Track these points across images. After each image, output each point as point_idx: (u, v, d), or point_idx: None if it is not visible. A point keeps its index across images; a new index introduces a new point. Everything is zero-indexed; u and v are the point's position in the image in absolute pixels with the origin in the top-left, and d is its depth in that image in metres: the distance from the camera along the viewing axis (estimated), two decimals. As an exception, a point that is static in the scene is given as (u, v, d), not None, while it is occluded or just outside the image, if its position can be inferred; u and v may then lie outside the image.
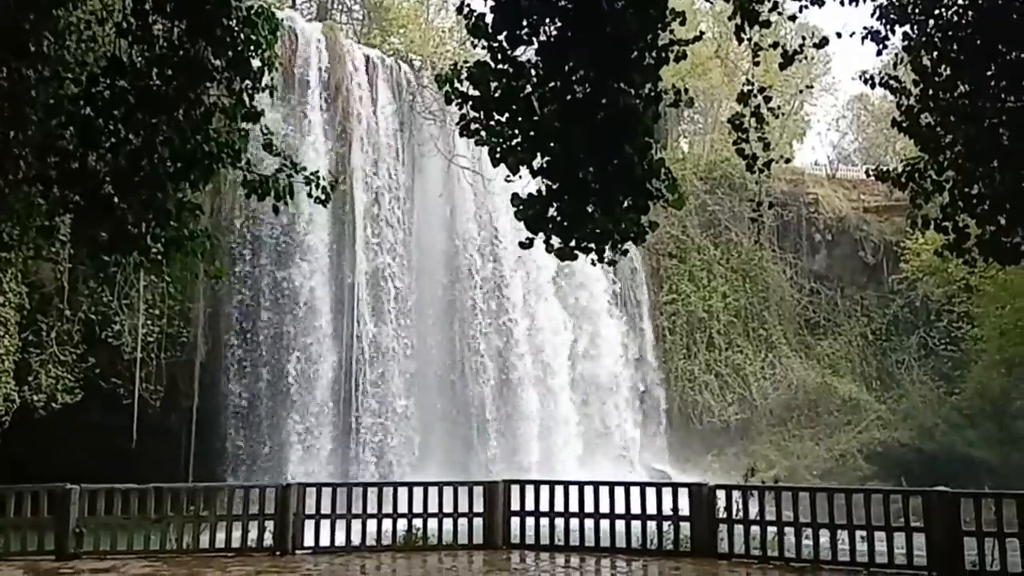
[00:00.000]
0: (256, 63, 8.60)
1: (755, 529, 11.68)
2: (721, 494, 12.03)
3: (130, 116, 7.95)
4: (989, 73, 8.19)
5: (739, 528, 11.79)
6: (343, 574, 11.08)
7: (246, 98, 8.63)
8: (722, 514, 11.89)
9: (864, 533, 11.10)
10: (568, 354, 29.90)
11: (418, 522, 12.87)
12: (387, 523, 12.75)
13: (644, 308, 33.87)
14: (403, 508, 12.83)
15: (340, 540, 12.63)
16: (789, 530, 11.63)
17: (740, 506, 11.88)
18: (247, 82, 8.58)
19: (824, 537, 11.29)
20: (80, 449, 19.98)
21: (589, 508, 12.59)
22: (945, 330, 34.77)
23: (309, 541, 12.48)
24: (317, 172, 9.35)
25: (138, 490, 12.46)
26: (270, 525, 12.46)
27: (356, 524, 12.78)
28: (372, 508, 12.80)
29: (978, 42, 8.22)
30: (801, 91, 39.50)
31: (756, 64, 7.96)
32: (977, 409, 32.45)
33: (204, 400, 23.60)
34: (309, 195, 9.17)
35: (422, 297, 27.74)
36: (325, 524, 12.62)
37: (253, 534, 12.54)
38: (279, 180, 8.88)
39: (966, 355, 33.62)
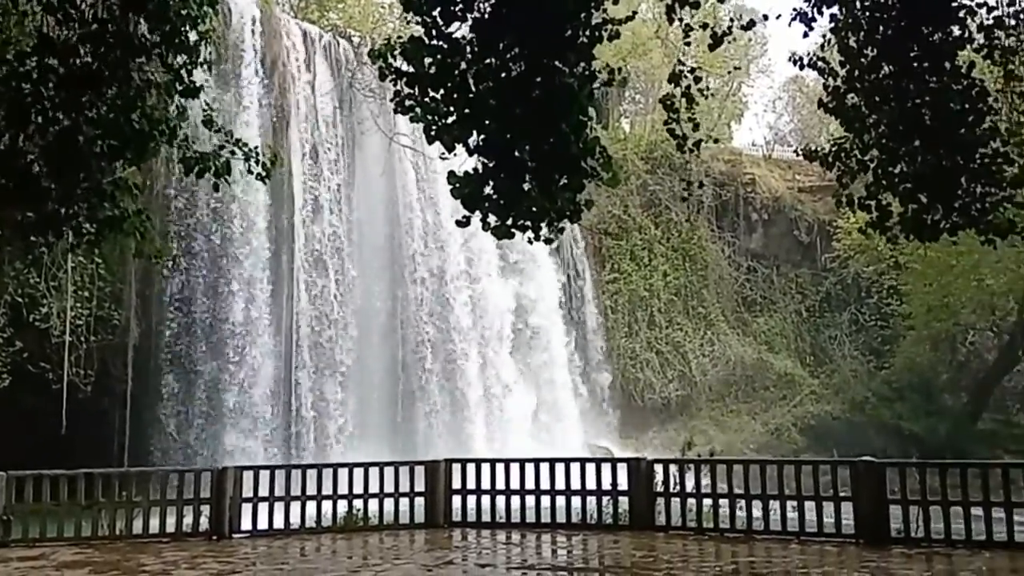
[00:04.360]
0: (193, 36, 8.35)
1: (691, 501, 11.96)
2: (659, 468, 12.27)
3: (59, 94, 7.62)
4: (913, 54, 8.40)
5: (676, 501, 12.06)
6: (282, 557, 10.97)
7: (184, 74, 8.38)
8: (660, 488, 12.14)
9: (795, 503, 11.44)
10: (512, 328, 30.06)
11: (359, 503, 12.83)
12: (327, 504, 12.65)
13: (587, 288, 34.13)
14: (343, 489, 12.75)
15: (279, 523, 12.49)
16: (724, 502, 11.94)
17: (677, 480, 12.14)
18: (183, 56, 8.32)
19: (757, 508, 11.61)
20: (10, 435, 19.35)
21: (530, 485, 12.73)
22: (875, 306, 35.77)
23: (247, 525, 12.31)
24: (257, 148, 9.19)
25: (67, 476, 12.14)
26: (206, 509, 12.26)
27: (295, 506, 12.67)
28: (311, 490, 12.69)
29: (903, 24, 8.42)
30: (729, 72, 39.90)
31: (688, 44, 8.04)
32: (905, 383, 33.55)
33: (138, 384, 23.05)
34: (249, 171, 8.99)
35: (363, 276, 27.47)
36: (263, 507, 12.45)
37: (188, 519, 12.32)
38: (220, 157, 8.67)
39: (895, 331, 34.68)
